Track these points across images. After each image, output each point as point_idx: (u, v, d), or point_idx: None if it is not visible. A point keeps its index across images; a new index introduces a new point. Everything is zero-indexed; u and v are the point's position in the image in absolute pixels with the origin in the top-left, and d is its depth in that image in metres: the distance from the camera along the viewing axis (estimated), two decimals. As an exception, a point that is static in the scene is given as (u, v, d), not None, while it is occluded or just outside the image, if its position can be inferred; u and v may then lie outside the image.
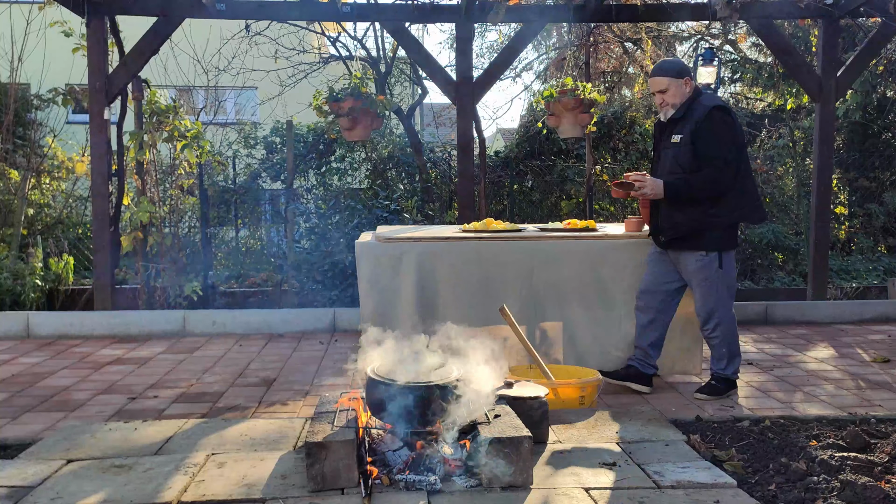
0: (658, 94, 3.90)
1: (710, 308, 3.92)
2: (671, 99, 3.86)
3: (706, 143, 3.76)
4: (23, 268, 6.60)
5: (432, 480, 2.51)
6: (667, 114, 3.90)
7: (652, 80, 3.92)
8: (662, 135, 3.99)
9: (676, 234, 3.88)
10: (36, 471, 2.73)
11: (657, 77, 3.88)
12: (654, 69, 3.96)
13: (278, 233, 8.64)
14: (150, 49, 6.22)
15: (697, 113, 3.80)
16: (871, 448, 2.96)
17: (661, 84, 3.86)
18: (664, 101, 3.88)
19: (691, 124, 3.79)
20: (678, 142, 3.82)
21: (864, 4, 6.16)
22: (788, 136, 9.56)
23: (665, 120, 3.93)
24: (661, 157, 3.96)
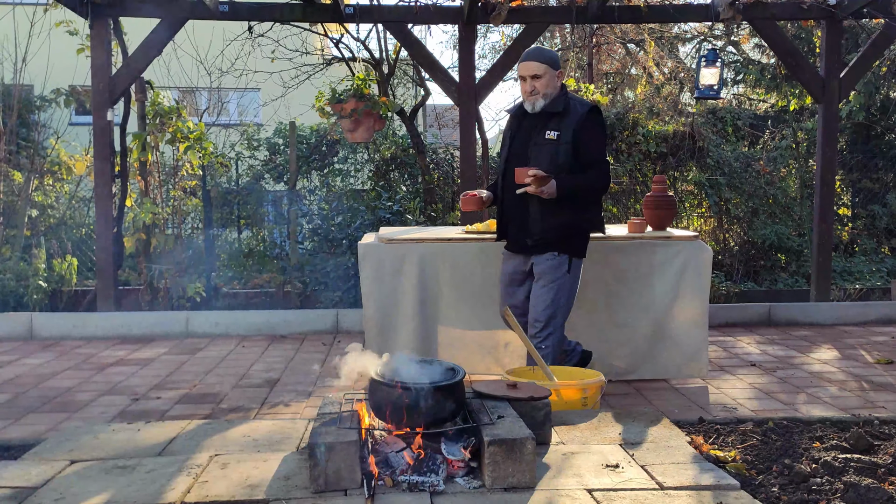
0: (530, 80, 3.57)
1: (550, 313, 3.67)
2: (543, 88, 3.58)
3: (589, 145, 3.59)
4: (26, 269, 6.61)
5: (435, 481, 2.51)
6: (536, 105, 3.62)
7: (525, 64, 3.59)
8: (525, 127, 3.70)
9: (545, 239, 3.65)
10: (39, 471, 2.73)
11: (533, 62, 3.57)
12: (529, 53, 3.65)
13: (281, 234, 8.64)
14: (153, 50, 6.23)
15: (577, 111, 3.60)
16: (874, 450, 2.96)
17: (536, 69, 3.56)
18: (535, 88, 3.58)
19: (572, 122, 3.57)
20: (555, 139, 3.57)
21: (867, 5, 6.15)
22: (791, 137, 9.55)
23: (534, 111, 3.64)
24: (532, 153, 3.63)
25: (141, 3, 6.11)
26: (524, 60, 3.60)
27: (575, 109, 3.61)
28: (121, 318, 6.05)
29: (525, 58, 3.62)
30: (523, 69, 3.60)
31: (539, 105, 3.60)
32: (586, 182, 3.62)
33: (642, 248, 4.31)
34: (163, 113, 6.76)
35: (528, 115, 3.70)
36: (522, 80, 3.61)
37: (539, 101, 3.60)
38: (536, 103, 3.60)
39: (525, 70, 3.59)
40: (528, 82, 3.58)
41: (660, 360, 4.36)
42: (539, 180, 3.45)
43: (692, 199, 9.43)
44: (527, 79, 3.58)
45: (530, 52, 3.66)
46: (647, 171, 9.13)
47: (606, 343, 4.33)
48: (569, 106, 3.61)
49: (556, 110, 3.60)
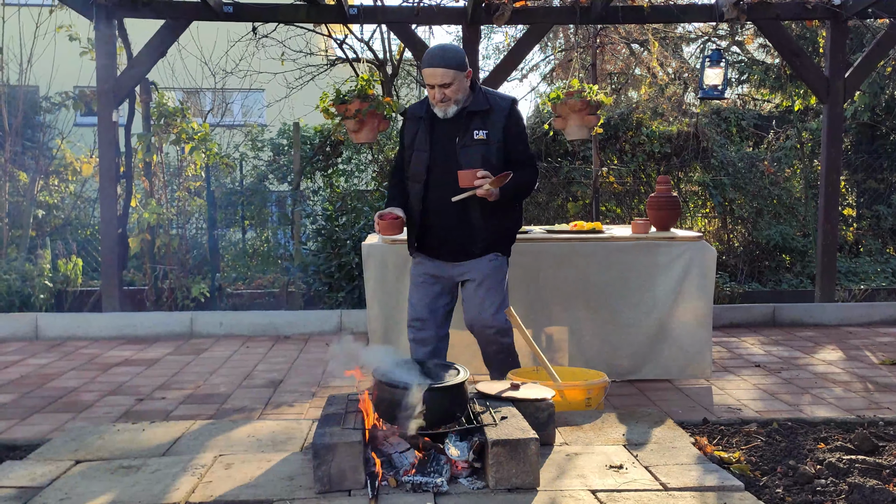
0: (438, 88, 3.26)
1: (496, 316, 3.47)
2: (454, 94, 3.29)
3: (519, 142, 3.42)
4: (31, 269, 6.63)
5: (439, 482, 2.51)
6: (448, 111, 3.34)
7: (431, 71, 3.24)
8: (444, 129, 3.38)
9: (491, 242, 3.47)
10: (45, 471, 2.74)
11: (439, 69, 3.23)
12: (433, 58, 3.25)
13: (285, 234, 8.65)
14: (157, 51, 6.25)
15: (500, 107, 3.38)
16: (879, 451, 2.95)
17: (443, 77, 3.24)
18: (446, 95, 3.28)
19: (499, 119, 3.36)
20: (485, 139, 3.34)
21: (872, 5, 6.14)
22: (796, 137, 9.53)
23: (446, 117, 3.36)
24: (461, 155, 3.34)
25: (145, 5, 6.13)
26: (429, 66, 3.25)
27: (498, 105, 3.38)
28: (125, 318, 6.06)
29: (429, 63, 3.25)
30: (429, 76, 3.26)
31: (451, 111, 3.34)
32: (524, 180, 3.42)
33: (646, 248, 4.30)
34: (167, 114, 6.78)
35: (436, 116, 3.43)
36: (430, 87, 3.30)
37: (451, 107, 3.33)
38: (448, 109, 3.34)
39: (431, 78, 3.26)
40: (436, 90, 3.28)
41: (663, 361, 4.35)
42: (499, 180, 3.22)
43: (696, 199, 9.42)
44: (435, 86, 3.28)
45: (434, 58, 3.24)
46: (651, 172, 9.12)
47: (609, 343, 4.33)
48: (490, 102, 3.37)
49: (480, 108, 3.35)
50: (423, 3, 6.36)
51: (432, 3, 6.41)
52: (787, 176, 9.42)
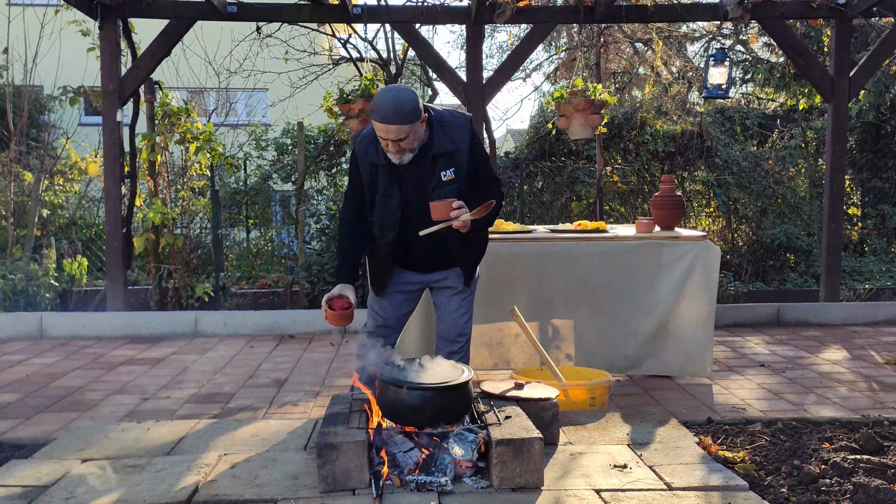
0: (392, 143, 2.99)
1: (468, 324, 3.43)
2: (410, 144, 3.03)
3: (483, 163, 3.24)
4: (36, 269, 6.65)
5: (443, 481, 2.51)
6: (404, 159, 3.07)
7: (384, 127, 2.94)
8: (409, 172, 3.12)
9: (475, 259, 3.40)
10: (50, 470, 2.75)
11: (392, 126, 2.92)
12: (386, 114, 2.91)
13: (289, 234, 8.67)
14: (161, 51, 6.27)
15: (459, 136, 3.14)
16: (884, 451, 2.94)
17: (399, 132, 2.95)
18: (401, 147, 3.01)
19: (462, 151, 3.14)
20: (454, 178, 3.14)
21: (876, 4, 6.12)
22: (800, 136, 9.51)
23: (404, 163, 3.09)
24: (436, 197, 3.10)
25: (150, 5, 6.14)
26: (381, 122, 2.93)
27: (460, 137, 3.15)
28: (130, 317, 6.08)
29: (382, 119, 2.92)
30: (382, 132, 2.97)
31: (407, 158, 3.08)
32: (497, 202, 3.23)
33: (650, 247, 4.30)
34: (172, 113, 6.79)
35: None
36: (384, 140, 3.01)
37: (407, 155, 3.08)
38: (404, 157, 3.08)
39: (385, 133, 2.97)
40: (391, 144, 3.01)
41: (664, 357, 4.35)
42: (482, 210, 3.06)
43: (700, 198, 9.41)
44: (388, 140, 3.00)
45: (387, 114, 2.90)
46: (655, 171, 9.12)
47: (610, 339, 4.32)
48: (452, 139, 3.13)
49: (445, 151, 3.12)
50: (427, 2, 6.37)
51: (436, 2, 6.41)
52: (792, 175, 9.41)
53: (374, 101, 2.97)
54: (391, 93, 2.94)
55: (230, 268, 7.87)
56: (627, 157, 9.19)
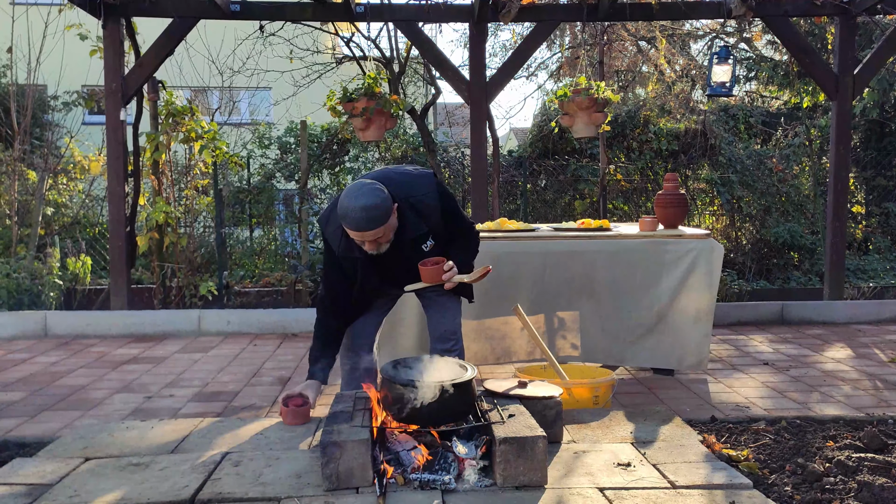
0: (367, 243, 2.97)
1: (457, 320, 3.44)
2: (387, 237, 3.01)
3: (456, 218, 3.23)
4: (41, 268, 6.67)
5: (446, 480, 2.51)
6: (381, 248, 3.04)
7: (360, 235, 2.92)
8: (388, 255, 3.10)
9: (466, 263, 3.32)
10: (54, 469, 2.75)
11: (368, 231, 2.89)
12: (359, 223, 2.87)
13: (292, 232, 8.68)
14: (165, 50, 6.27)
15: (429, 207, 3.11)
16: (888, 449, 2.94)
17: (375, 234, 2.92)
18: (379, 241, 2.99)
19: (434, 222, 3.14)
20: (434, 244, 3.17)
21: (881, 2, 6.10)
22: (804, 134, 9.50)
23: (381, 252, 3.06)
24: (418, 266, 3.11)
25: (153, 3, 6.15)
26: (356, 231, 2.91)
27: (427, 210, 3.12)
28: (134, 316, 6.09)
29: (356, 228, 2.89)
30: (358, 237, 2.95)
31: (384, 248, 3.05)
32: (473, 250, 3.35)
33: (654, 246, 4.29)
34: (175, 112, 6.80)
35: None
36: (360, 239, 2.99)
37: (384, 245, 3.04)
38: (381, 248, 3.04)
39: (361, 238, 2.95)
40: (367, 244, 2.99)
41: (661, 350, 4.33)
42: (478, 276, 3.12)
43: (704, 197, 9.40)
44: (366, 243, 2.99)
45: (360, 224, 2.87)
46: (659, 169, 9.11)
47: (608, 331, 4.32)
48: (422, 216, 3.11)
49: (420, 233, 3.12)
50: (430, 0, 6.36)
51: (439, 0, 6.40)
52: (796, 173, 9.40)
53: (341, 206, 2.89)
54: (359, 200, 2.85)
55: (233, 266, 7.88)
56: (631, 156, 9.18)
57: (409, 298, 3.94)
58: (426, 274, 3.06)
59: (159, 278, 6.85)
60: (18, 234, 7.29)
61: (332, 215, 3.14)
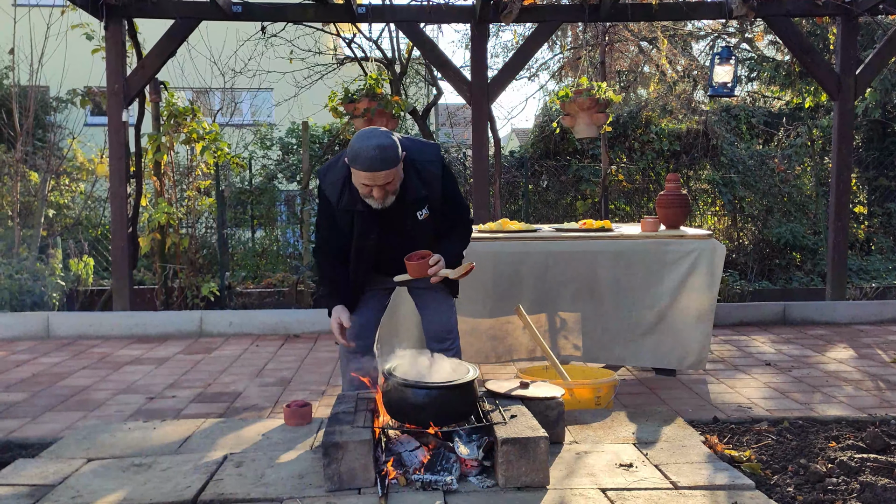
0: (379, 188, 2.89)
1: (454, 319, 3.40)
2: (394, 186, 2.96)
3: (454, 199, 3.20)
4: (43, 269, 6.68)
5: (448, 480, 2.51)
6: (386, 201, 2.98)
7: (372, 175, 2.84)
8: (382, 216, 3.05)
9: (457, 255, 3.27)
10: (56, 469, 2.76)
11: (381, 172, 2.83)
12: (374, 162, 2.81)
13: (294, 233, 8.68)
14: (167, 51, 6.28)
15: (432, 175, 3.08)
16: (891, 449, 2.93)
17: (385, 177, 2.87)
18: (386, 191, 2.93)
19: (435, 192, 3.09)
20: (429, 215, 3.12)
21: (883, 2, 6.09)
22: (806, 134, 9.49)
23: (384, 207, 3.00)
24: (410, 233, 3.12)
25: (155, 5, 6.16)
26: (369, 171, 2.84)
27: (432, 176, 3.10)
28: (136, 317, 6.09)
29: (369, 168, 2.83)
30: (369, 179, 2.87)
31: (389, 201, 3.00)
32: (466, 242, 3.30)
33: (656, 246, 4.29)
34: (177, 113, 6.81)
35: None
36: (367, 186, 2.91)
37: (390, 197, 2.99)
38: (386, 200, 2.99)
39: (372, 181, 2.88)
40: (376, 190, 2.91)
41: (662, 349, 4.33)
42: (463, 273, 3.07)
43: (706, 197, 9.40)
44: (372, 186, 2.90)
45: (374, 161, 2.82)
46: (661, 170, 9.10)
47: (611, 332, 4.32)
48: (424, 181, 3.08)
49: (420, 196, 3.07)
50: (432, 1, 6.37)
51: (441, 1, 6.41)
52: (798, 173, 9.39)
53: (353, 149, 2.86)
54: (372, 140, 2.84)
55: (235, 267, 7.88)
56: (633, 156, 9.18)
57: (408, 300, 3.95)
58: (412, 268, 3.03)
59: (161, 279, 6.86)
60: (21, 236, 7.29)
61: (333, 167, 3.12)
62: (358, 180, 2.91)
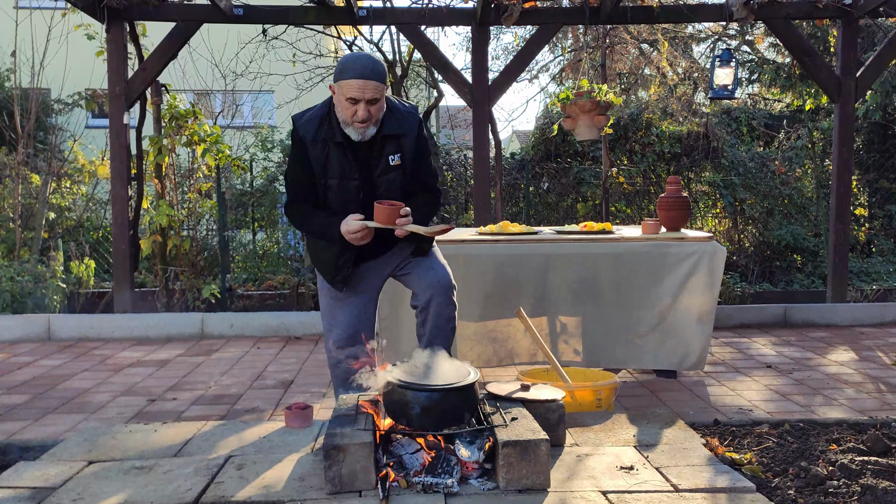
0: (365, 105, 2.83)
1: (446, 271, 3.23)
2: (377, 112, 2.90)
3: (427, 162, 3.12)
4: (44, 271, 6.68)
5: (449, 483, 2.51)
6: (367, 133, 2.92)
7: (362, 83, 2.80)
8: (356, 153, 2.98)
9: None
10: (58, 472, 2.76)
11: (373, 81, 2.81)
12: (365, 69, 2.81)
13: (295, 236, 8.68)
14: (168, 54, 6.29)
15: (409, 124, 3.04)
16: (892, 452, 2.93)
17: (375, 91, 2.83)
18: (370, 114, 2.87)
19: (410, 141, 3.04)
20: (400, 164, 3.02)
21: (883, 4, 6.10)
22: (807, 136, 9.48)
23: (363, 139, 2.94)
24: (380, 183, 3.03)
25: (156, 7, 6.16)
26: (360, 78, 2.79)
27: (409, 124, 3.04)
28: (137, 319, 6.10)
29: (361, 75, 2.79)
30: (359, 90, 2.80)
31: (370, 133, 2.93)
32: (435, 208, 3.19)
33: (657, 249, 4.29)
34: (178, 116, 6.82)
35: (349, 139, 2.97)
36: (352, 103, 2.83)
37: (371, 128, 2.92)
38: (367, 131, 2.92)
39: (361, 92, 2.81)
40: (362, 107, 2.83)
41: (662, 351, 4.33)
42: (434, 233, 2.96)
43: (707, 199, 9.39)
44: (361, 102, 2.82)
45: (366, 69, 2.80)
46: (661, 172, 9.11)
47: (613, 334, 4.32)
48: (398, 121, 3.02)
49: (394, 133, 3.00)
50: (433, 4, 6.38)
51: (441, 4, 6.42)
52: (798, 176, 9.38)
53: (342, 63, 2.83)
54: (363, 55, 2.87)
55: (236, 269, 7.89)
56: (633, 158, 9.18)
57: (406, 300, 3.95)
58: (381, 212, 2.88)
59: (162, 281, 6.86)
60: (22, 238, 7.30)
61: (310, 111, 3.07)
62: (346, 94, 2.84)
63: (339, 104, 2.91)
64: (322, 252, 3.17)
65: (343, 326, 3.23)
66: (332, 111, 3.00)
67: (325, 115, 3.01)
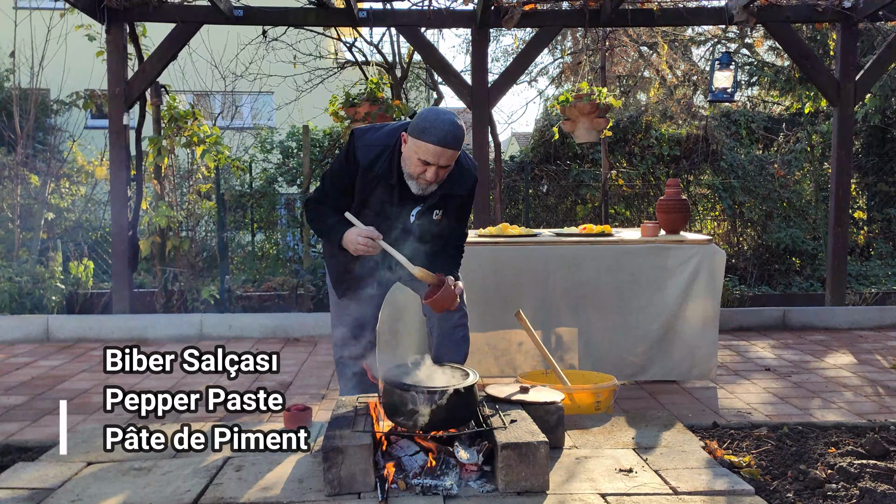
0: (436, 169, 2.76)
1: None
2: (446, 174, 2.85)
3: (462, 222, 3.10)
4: (43, 272, 6.67)
5: (448, 485, 2.51)
6: (428, 189, 2.87)
7: (442, 151, 2.71)
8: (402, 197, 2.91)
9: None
10: (56, 473, 2.76)
11: (451, 150, 2.72)
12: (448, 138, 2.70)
13: (294, 237, 8.67)
14: (168, 55, 6.29)
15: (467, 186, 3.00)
16: (890, 455, 2.93)
17: (451, 159, 2.77)
18: (440, 177, 2.81)
19: (459, 199, 3.01)
20: (440, 219, 2.99)
21: (882, 8, 6.11)
22: (806, 140, 9.49)
23: (423, 195, 2.89)
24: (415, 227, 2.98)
25: (156, 8, 6.17)
26: (440, 146, 2.69)
27: (467, 184, 3.00)
28: (136, 320, 6.09)
29: (441, 144, 2.69)
30: (435, 156, 2.71)
31: (431, 189, 2.87)
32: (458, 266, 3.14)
33: (656, 251, 4.30)
34: (178, 117, 6.82)
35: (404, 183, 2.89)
36: (424, 163, 2.75)
37: (434, 186, 2.86)
38: (431, 187, 2.86)
39: (437, 158, 2.72)
40: (433, 170, 2.76)
41: (670, 362, 4.35)
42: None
43: (706, 202, 9.40)
44: (433, 166, 2.75)
45: (446, 138, 2.69)
46: (661, 175, 9.11)
47: (617, 344, 4.32)
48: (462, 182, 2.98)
49: (457, 194, 2.98)
50: (433, 6, 6.38)
51: (441, 6, 6.42)
52: (797, 179, 9.39)
53: (424, 120, 2.71)
54: (447, 115, 2.71)
55: (235, 271, 7.88)
56: (633, 161, 9.18)
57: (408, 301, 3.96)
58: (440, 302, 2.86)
59: (161, 282, 6.85)
60: (21, 238, 7.29)
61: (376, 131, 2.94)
62: (418, 154, 2.74)
63: (409, 159, 2.79)
64: (329, 258, 3.21)
65: (348, 326, 3.23)
66: (397, 149, 2.86)
67: (390, 149, 2.87)
